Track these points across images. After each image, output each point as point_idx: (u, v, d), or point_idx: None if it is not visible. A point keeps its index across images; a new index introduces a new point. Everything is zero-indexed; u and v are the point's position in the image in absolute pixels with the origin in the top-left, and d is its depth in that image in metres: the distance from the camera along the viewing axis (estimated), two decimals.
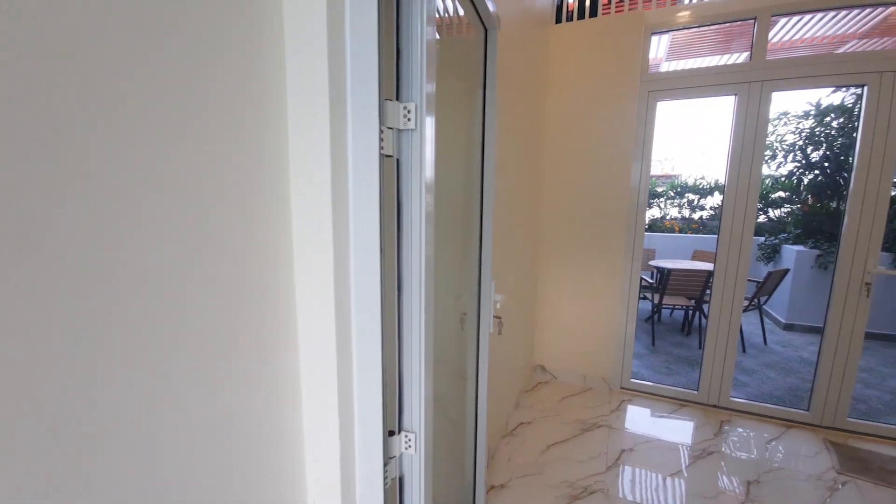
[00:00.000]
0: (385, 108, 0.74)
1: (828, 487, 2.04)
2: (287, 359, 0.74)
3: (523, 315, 2.78)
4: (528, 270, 2.83)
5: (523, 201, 2.47)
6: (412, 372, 0.85)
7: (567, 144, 2.89)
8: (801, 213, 5.39)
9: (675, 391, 2.92)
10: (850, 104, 4.93)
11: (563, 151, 2.91)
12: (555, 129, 2.90)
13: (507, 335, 2.34)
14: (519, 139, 2.24)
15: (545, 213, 3.03)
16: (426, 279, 0.81)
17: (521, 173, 2.34)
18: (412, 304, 0.82)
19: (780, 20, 3.28)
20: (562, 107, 2.86)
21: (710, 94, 2.57)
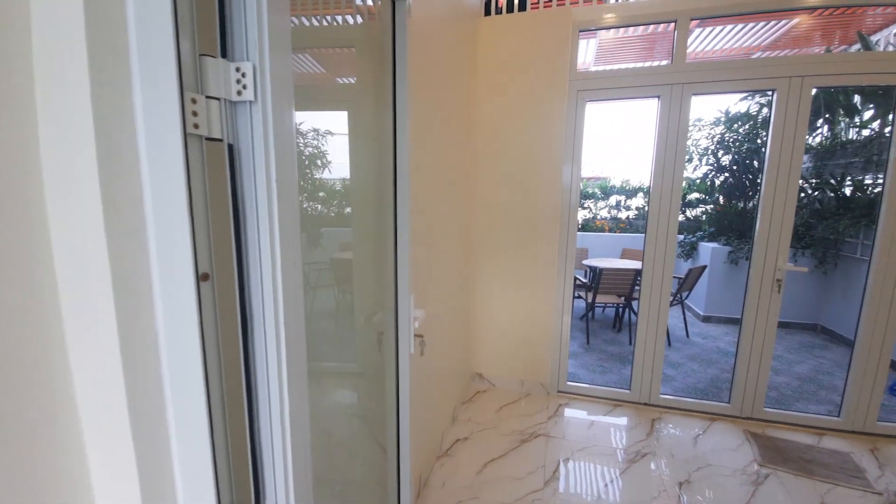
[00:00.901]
0: (202, 68, 0.50)
1: (752, 482, 2.09)
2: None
3: (458, 324, 2.61)
4: (461, 277, 2.67)
5: (452, 204, 2.30)
6: (272, 438, 0.61)
7: (498, 143, 2.77)
8: (714, 212, 5.82)
9: (609, 392, 2.92)
10: (755, 112, 5.40)
11: (494, 150, 2.79)
12: (485, 127, 2.78)
13: (441, 346, 2.15)
14: (446, 135, 2.06)
15: (477, 215, 2.90)
16: (287, 310, 0.58)
17: (448, 173, 2.17)
18: (266, 345, 0.58)
19: (696, 30, 3.42)
20: (492, 103, 2.74)
21: (636, 96, 2.58)
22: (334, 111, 1.34)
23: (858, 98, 4.38)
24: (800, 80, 2.32)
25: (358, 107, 1.32)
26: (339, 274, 1.35)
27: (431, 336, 1.92)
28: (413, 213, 1.38)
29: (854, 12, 4.02)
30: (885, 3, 2.20)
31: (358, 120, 1.33)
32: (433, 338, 1.96)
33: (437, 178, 1.92)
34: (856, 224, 4.10)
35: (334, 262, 1.32)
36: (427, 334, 1.72)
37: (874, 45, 3.84)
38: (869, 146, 4.21)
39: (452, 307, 2.41)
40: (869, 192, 4.29)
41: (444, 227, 2.12)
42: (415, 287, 1.44)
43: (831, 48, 4.21)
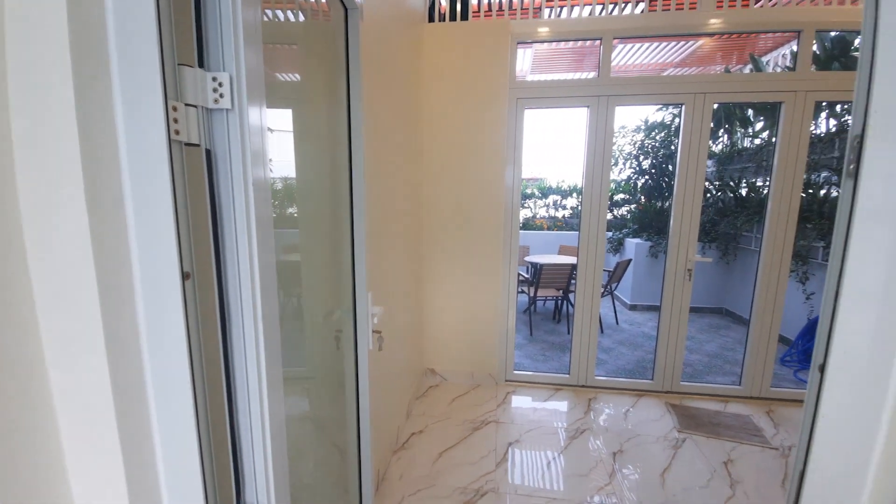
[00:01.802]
0: (181, 78, 0.53)
1: (672, 446, 2.39)
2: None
3: (410, 321, 2.67)
4: (413, 274, 2.74)
5: (404, 204, 2.36)
6: (252, 434, 0.64)
7: (444, 146, 2.87)
8: (637, 211, 6.42)
9: (551, 377, 3.15)
10: (669, 121, 6.03)
11: (442, 152, 2.88)
12: (432, 131, 2.86)
13: (395, 344, 2.20)
14: (396, 138, 2.11)
15: (426, 215, 2.98)
16: (265, 308, 0.62)
17: (400, 174, 2.22)
18: (245, 343, 0.62)
19: (619, 46, 3.77)
20: (438, 108, 2.83)
21: (568, 105, 2.81)
22: (277, 108, 1.35)
23: (751, 111, 5.08)
24: (703, 96, 2.68)
25: (304, 105, 1.34)
26: (294, 274, 1.36)
27: (387, 333, 1.97)
28: (369, 212, 1.43)
29: (748, 36, 4.68)
30: (773, 31, 2.61)
31: (305, 119, 1.34)
32: (389, 335, 2.01)
33: (390, 178, 1.97)
34: (750, 220, 4.76)
35: (289, 263, 1.33)
36: (384, 331, 1.77)
37: (764, 65, 4.47)
38: (759, 153, 4.90)
39: (406, 305, 2.47)
40: (760, 192, 4.99)
41: (397, 227, 2.17)
42: (372, 285, 1.49)
43: (730, 67, 4.83)
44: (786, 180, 2.71)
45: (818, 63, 3.81)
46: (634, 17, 2.64)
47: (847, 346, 0.77)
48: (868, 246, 0.73)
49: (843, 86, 2.57)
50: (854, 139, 0.77)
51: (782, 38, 4.71)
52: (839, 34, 3.52)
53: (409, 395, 2.72)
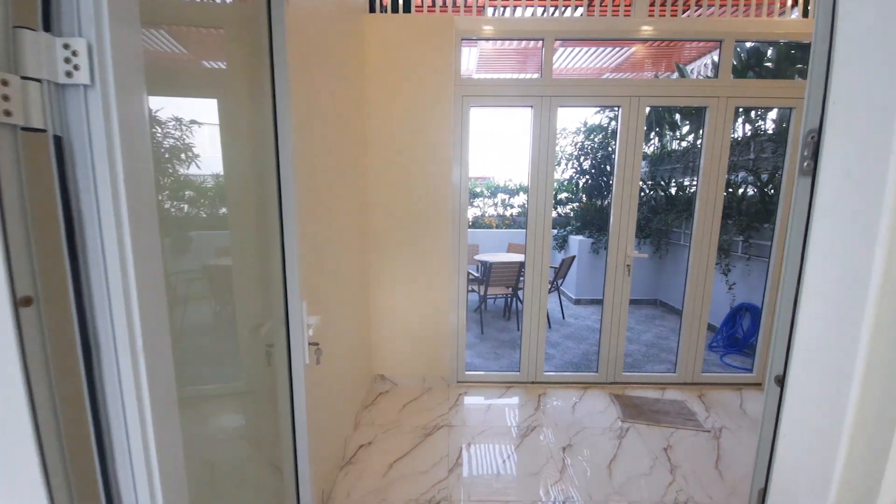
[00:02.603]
0: (18, 43, 0.40)
1: (617, 436, 2.47)
2: None
3: (356, 327, 2.54)
4: (359, 278, 2.61)
5: (346, 203, 2.23)
6: (135, 490, 0.52)
7: (390, 144, 2.77)
8: (579, 209, 6.69)
9: (502, 376, 3.16)
10: (605, 124, 6.33)
11: (387, 150, 2.78)
12: (377, 127, 2.75)
13: (338, 353, 2.07)
14: (335, 134, 1.98)
15: (373, 215, 2.86)
16: (147, 332, 0.50)
17: (340, 172, 2.09)
18: (120, 378, 0.49)
19: (560, 49, 3.86)
20: (383, 104, 2.72)
21: (513, 105, 2.82)
22: (201, 98, 1.19)
23: (678, 116, 5.46)
24: (638, 99, 2.80)
25: (230, 95, 1.19)
26: (217, 283, 1.20)
27: (329, 343, 1.83)
28: (301, 213, 1.30)
29: (675, 45, 5.01)
30: (698, 39, 2.78)
31: (231, 110, 1.20)
32: (331, 344, 1.88)
33: (327, 175, 1.84)
34: (679, 217, 5.11)
35: (209, 269, 1.17)
36: (323, 341, 1.64)
37: (689, 73, 4.81)
38: (686, 155, 5.28)
39: (350, 311, 2.34)
40: (687, 192, 5.38)
41: (337, 228, 2.04)
42: (307, 293, 1.36)
43: (659, 74, 5.16)
44: (711, 180, 2.91)
45: (735, 72, 4.16)
46: (575, 20, 2.70)
47: (808, 354, 0.76)
48: (828, 246, 0.70)
49: (759, 93, 2.80)
50: (808, 135, 0.76)
51: (704, 48, 5.11)
52: (754, 45, 3.86)
53: (356, 405, 2.58)
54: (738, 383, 3.18)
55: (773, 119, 4.06)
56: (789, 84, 2.79)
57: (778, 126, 4.02)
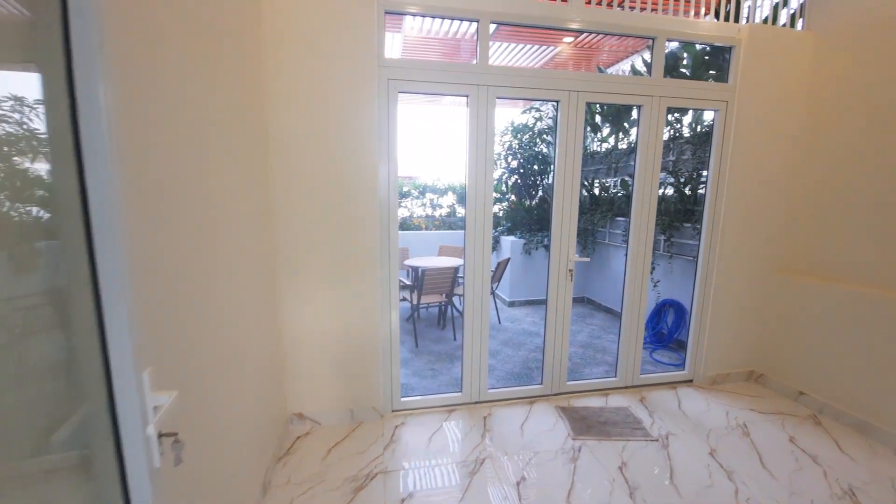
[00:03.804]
0: None
1: (571, 459, 2.26)
2: None
3: (260, 364, 2.01)
4: (261, 299, 2.08)
5: (232, 206, 1.71)
6: None
7: (301, 135, 2.26)
8: (509, 209, 6.63)
9: (443, 399, 2.82)
10: (532, 124, 6.33)
11: (297, 144, 2.27)
12: (282, 116, 2.22)
13: (230, 407, 1.55)
14: (211, 122, 1.46)
15: (282, 220, 2.33)
16: None
17: (219, 169, 1.58)
18: None
19: (491, 45, 3.61)
20: (288, 89, 2.21)
21: (447, 93, 2.49)
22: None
23: (599, 118, 5.61)
24: (577, 94, 2.63)
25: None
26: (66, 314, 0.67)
27: (212, 400, 1.32)
28: (135, 225, 0.81)
29: (597, 47, 5.10)
30: (632, 35, 2.69)
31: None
32: (216, 399, 1.37)
33: (200, 173, 1.33)
34: (604, 217, 5.23)
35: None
36: (193, 418, 1.14)
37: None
38: (609, 157, 5.43)
39: (246, 348, 1.81)
40: (610, 192, 5.54)
41: (219, 239, 1.52)
42: (153, 352, 0.87)
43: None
44: (646, 179, 2.86)
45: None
46: (512, 2, 2.44)
47: None
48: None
49: (689, 94, 2.80)
50: None
51: (624, 52, 5.28)
52: (671, 51, 3.99)
53: (265, 460, 2.05)
54: (673, 382, 3.20)
55: (689, 124, 4.26)
56: (719, 87, 2.84)
57: (692, 129, 4.23)
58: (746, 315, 3.14)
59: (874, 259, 2.53)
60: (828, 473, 2.13)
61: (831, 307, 2.70)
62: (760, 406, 2.86)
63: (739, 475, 2.13)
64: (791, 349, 2.98)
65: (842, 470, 2.15)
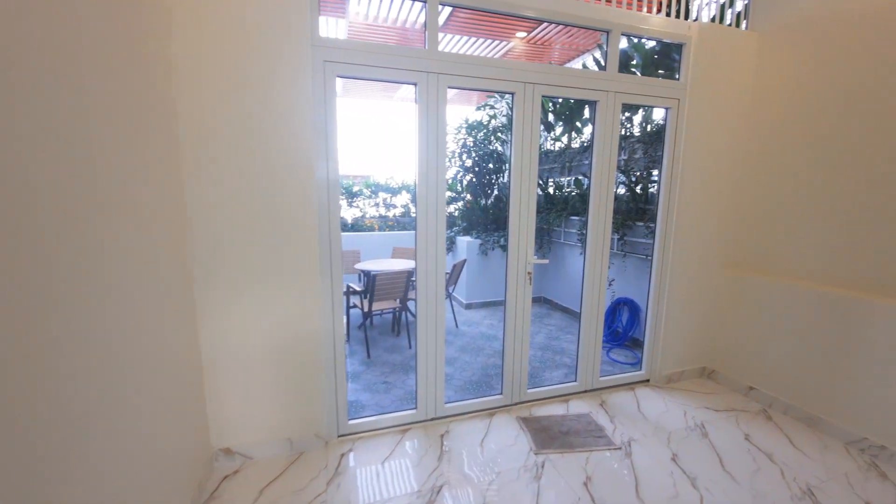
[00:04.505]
0: None
1: (534, 477, 2.10)
2: None
3: (175, 392, 1.67)
4: (177, 318, 1.73)
5: (133, 210, 1.36)
6: None
7: (219, 125, 1.92)
8: (465, 209, 6.47)
9: (396, 417, 2.57)
10: (486, 122, 6.21)
11: (215, 134, 1.92)
12: (194, 102, 1.87)
13: (135, 444, 1.22)
14: (90, 108, 1.13)
15: (199, 223, 1.97)
16: None
17: (109, 161, 1.24)
18: None
19: (442, 38, 3.40)
20: (198, 71, 1.86)
21: (393, 79, 2.24)
22: None
23: (552, 116, 5.58)
24: (532, 86, 2.48)
25: None
26: None
27: (89, 453, 1.00)
28: None
29: (549, 45, 5.05)
30: (586, 26, 2.58)
31: None
32: (94, 451, 1.05)
33: (71, 171, 1.00)
34: (559, 216, 5.21)
35: None
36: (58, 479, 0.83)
37: None
38: (563, 156, 5.41)
39: (145, 379, 1.47)
40: (564, 191, 5.53)
41: (107, 251, 1.18)
42: None
43: None
44: (602, 177, 2.78)
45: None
46: None
47: None
48: None
49: (643, 90, 2.74)
50: None
51: (575, 51, 5.27)
52: (622, 49, 3.97)
53: None
54: (631, 383, 3.17)
55: (640, 123, 4.29)
56: (672, 84, 2.81)
57: (643, 128, 4.27)
58: (699, 312, 3.17)
59: (817, 255, 2.60)
60: (785, 472, 2.12)
61: (776, 303, 2.76)
62: (715, 403, 2.87)
63: (702, 481, 2.07)
64: (740, 345, 3.03)
65: (797, 468, 2.16)
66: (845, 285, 2.45)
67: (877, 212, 2.30)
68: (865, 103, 2.34)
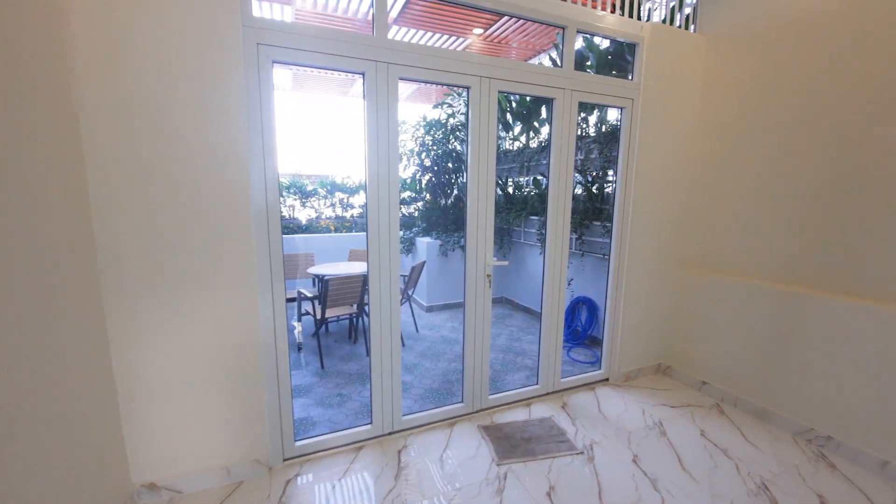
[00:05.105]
0: None
1: (496, 491, 1.99)
2: None
3: (78, 425, 1.40)
4: (80, 334, 1.46)
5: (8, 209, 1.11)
6: None
7: (131, 114, 1.66)
8: (424, 209, 6.33)
9: (349, 434, 2.38)
10: (444, 120, 6.09)
11: (126, 125, 1.66)
12: (98, 89, 1.60)
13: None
14: None
15: (109, 226, 1.69)
16: None
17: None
18: None
19: (396, 30, 3.24)
20: (103, 51, 1.60)
21: (337, 67, 2.05)
22: None
23: (510, 116, 5.56)
24: (489, 81, 2.39)
25: None
26: None
27: None
28: None
29: (504, 44, 5.01)
30: (542, 21, 2.51)
31: None
32: None
33: None
34: (519, 216, 5.19)
35: None
36: None
37: None
38: (521, 155, 5.40)
39: (49, 418, 1.21)
40: (523, 191, 5.53)
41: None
42: None
43: None
44: (560, 175, 2.73)
45: None
46: None
47: None
48: None
49: (599, 89, 2.72)
50: None
51: (531, 51, 5.28)
52: (578, 49, 4.00)
53: None
54: (591, 382, 3.16)
55: (595, 123, 4.34)
56: (626, 83, 2.81)
57: (598, 128, 4.31)
58: (654, 310, 3.21)
59: (766, 254, 2.69)
60: (740, 468, 2.15)
61: (726, 300, 2.83)
62: (671, 400, 2.91)
63: (663, 482, 2.05)
64: (693, 341, 3.10)
65: (751, 462, 2.20)
66: (793, 282, 2.54)
67: (822, 210, 2.40)
68: (806, 105, 2.44)
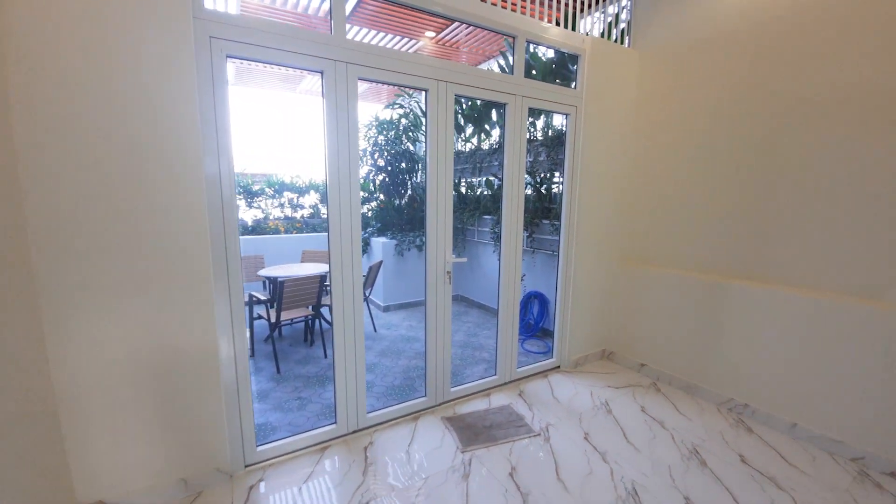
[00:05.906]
0: None
1: (463, 476, 2.09)
2: None
3: (17, 445, 1.29)
4: (11, 352, 1.34)
5: None
6: None
7: (72, 113, 1.55)
8: (378, 209, 6.31)
9: (314, 436, 2.36)
10: (396, 119, 6.11)
11: (68, 123, 1.55)
12: (35, 82, 1.48)
13: None
14: None
15: (47, 229, 1.57)
16: None
17: None
18: None
19: (354, 31, 3.22)
20: (42, 41, 1.48)
21: (295, 65, 2.04)
22: None
23: (462, 118, 5.70)
24: (445, 84, 2.48)
25: None
26: None
27: None
28: None
29: (456, 49, 5.13)
30: (493, 29, 2.64)
31: None
32: None
33: None
34: (472, 215, 5.35)
35: None
36: None
37: None
38: (473, 157, 5.56)
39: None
40: (476, 191, 5.70)
41: None
42: None
43: None
44: (513, 176, 2.89)
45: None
46: None
47: None
48: None
49: (547, 96, 2.91)
50: None
51: (481, 56, 5.45)
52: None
53: None
54: (544, 370, 3.36)
55: (542, 128, 4.59)
56: (570, 91, 3.02)
57: (545, 133, 4.57)
58: (598, 301, 3.48)
59: (695, 247, 3.03)
60: (675, 436, 2.42)
61: (660, 290, 3.15)
62: (615, 381, 3.18)
63: (611, 455, 2.26)
64: (633, 328, 3.41)
65: (684, 431, 2.48)
66: (714, 272, 2.89)
67: (737, 208, 2.75)
68: (718, 116, 2.78)
